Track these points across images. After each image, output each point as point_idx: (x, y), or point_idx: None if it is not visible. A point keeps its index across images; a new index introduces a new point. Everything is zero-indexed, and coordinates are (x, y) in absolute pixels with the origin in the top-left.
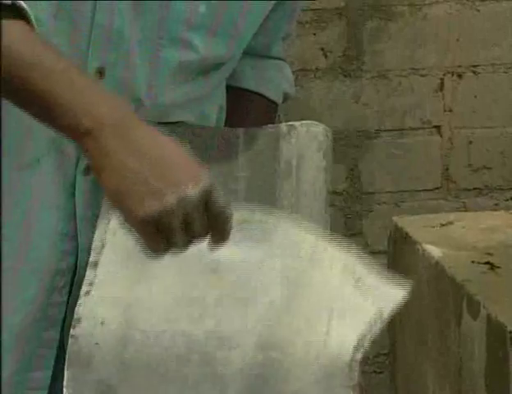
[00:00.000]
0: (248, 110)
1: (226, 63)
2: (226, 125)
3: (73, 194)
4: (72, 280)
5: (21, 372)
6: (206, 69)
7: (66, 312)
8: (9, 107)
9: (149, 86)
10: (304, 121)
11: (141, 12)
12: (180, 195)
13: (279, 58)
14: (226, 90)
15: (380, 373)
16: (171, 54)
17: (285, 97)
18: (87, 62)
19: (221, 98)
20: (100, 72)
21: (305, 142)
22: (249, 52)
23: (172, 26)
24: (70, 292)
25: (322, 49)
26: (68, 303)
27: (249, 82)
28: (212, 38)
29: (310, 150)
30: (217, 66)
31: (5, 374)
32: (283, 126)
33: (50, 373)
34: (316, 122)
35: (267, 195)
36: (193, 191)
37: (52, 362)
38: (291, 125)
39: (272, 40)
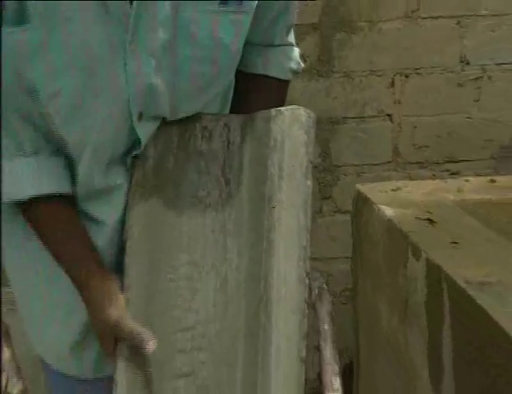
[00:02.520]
0: (259, 91)
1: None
2: (241, 107)
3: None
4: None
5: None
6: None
7: None
8: None
9: (172, 107)
10: (289, 107)
11: (160, 58)
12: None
13: (284, 44)
14: (238, 76)
15: (345, 303)
16: (186, 85)
17: (294, 72)
18: (129, 108)
19: (229, 86)
20: (140, 115)
21: (289, 122)
22: (254, 44)
23: (184, 64)
24: None
25: (302, 55)
26: None
27: (257, 67)
28: (212, 63)
29: (293, 128)
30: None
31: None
32: (272, 111)
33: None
34: (299, 106)
35: (261, 165)
36: (105, 329)
37: None
38: (279, 110)
39: (272, 34)
